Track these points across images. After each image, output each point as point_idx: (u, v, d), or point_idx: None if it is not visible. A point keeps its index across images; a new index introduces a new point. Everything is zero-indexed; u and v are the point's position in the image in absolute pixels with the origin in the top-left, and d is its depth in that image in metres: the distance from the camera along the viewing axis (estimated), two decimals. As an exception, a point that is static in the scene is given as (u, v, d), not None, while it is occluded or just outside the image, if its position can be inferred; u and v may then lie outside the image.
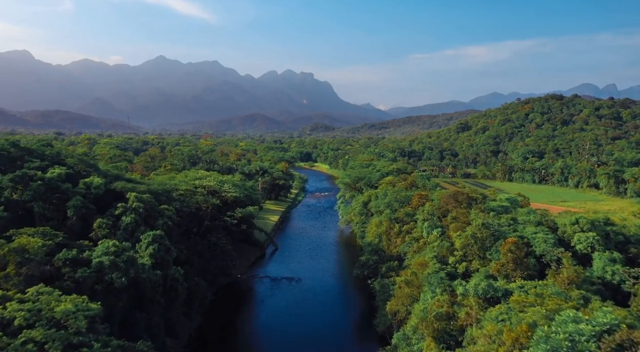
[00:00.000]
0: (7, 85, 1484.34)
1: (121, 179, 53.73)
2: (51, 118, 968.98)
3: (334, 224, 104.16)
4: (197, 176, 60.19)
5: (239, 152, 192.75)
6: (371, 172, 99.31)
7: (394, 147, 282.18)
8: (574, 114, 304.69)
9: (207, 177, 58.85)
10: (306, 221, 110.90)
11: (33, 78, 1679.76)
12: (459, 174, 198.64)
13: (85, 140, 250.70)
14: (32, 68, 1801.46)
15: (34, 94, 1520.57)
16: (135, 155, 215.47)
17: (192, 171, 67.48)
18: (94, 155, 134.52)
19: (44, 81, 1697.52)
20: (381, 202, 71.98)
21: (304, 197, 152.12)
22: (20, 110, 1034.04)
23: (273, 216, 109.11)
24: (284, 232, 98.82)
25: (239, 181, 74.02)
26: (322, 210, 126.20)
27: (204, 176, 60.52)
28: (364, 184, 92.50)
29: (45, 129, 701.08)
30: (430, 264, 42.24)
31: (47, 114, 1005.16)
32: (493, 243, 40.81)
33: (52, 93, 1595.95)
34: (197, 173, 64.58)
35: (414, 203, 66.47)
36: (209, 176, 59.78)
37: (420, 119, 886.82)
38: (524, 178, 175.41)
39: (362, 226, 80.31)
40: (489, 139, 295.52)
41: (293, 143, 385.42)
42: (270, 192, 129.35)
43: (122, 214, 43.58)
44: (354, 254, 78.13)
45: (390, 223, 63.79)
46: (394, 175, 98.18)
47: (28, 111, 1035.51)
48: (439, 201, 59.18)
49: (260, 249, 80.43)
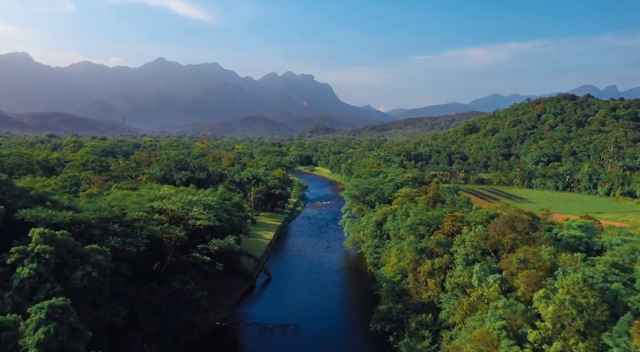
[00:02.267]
0: (6, 88, 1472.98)
1: (45, 201, 38.08)
2: (48, 120, 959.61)
3: (338, 244, 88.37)
4: (159, 194, 44.41)
5: (232, 156, 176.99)
6: (383, 182, 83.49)
7: (399, 150, 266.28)
8: (589, 114, 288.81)
9: (172, 196, 43.04)
10: (306, 237, 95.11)
11: (32, 80, 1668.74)
12: (473, 179, 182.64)
13: (71, 143, 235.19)
14: (31, 70, 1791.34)
15: (33, 96, 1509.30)
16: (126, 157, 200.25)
17: (154, 187, 50.20)
18: (65, 161, 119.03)
19: (43, 83, 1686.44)
20: (401, 225, 56.26)
21: (304, 207, 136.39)
22: (18, 113, 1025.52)
23: (267, 232, 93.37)
24: (279, 253, 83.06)
25: (218, 198, 57.47)
26: (324, 223, 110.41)
27: (167, 194, 44.71)
28: (376, 196, 76.74)
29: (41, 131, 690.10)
30: (502, 345, 26.52)
31: (44, 116, 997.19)
32: (608, 316, 25.16)
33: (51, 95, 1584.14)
34: (160, 190, 48.02)
35: (447, 228, 50.76)
36: (174, 195, 43.82)
37: (422, 120, 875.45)
38: (546, 184, 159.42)
39: (376, 251, 64.54)
40: (499, 141, 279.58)
41: (292, 146, 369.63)
42: (265, 202, 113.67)
43: (17, 263, 27.94)
44: (364, 287, 62.38)
45: (416, 255, 48.05)
46: (409, 185, 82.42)
47: (26, 113, 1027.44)
48: (486, 228, 43.41)
49: (249, 280, 64.62)
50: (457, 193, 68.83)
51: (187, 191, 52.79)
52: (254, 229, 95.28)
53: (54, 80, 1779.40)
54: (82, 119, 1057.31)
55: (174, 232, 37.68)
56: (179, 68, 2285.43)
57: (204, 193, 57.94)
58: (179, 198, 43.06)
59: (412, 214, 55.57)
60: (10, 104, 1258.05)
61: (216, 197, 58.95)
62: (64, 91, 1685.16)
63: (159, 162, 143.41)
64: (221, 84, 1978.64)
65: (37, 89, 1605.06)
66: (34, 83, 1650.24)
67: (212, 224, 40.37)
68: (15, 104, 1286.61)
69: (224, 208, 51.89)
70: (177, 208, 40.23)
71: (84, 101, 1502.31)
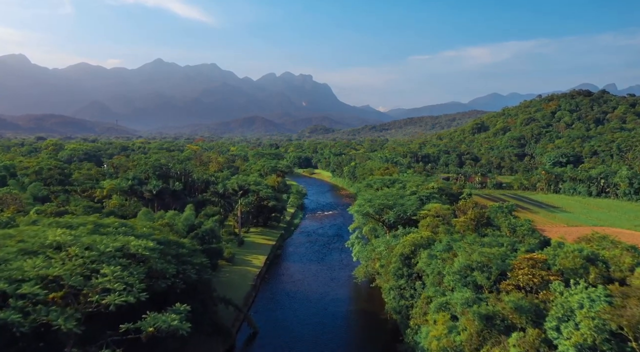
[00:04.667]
0: (2, 90, 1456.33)
1: None
2: (44, 122, 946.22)
3: (345, 272, 70.22)
4: (52, 239, 24.64)
5: (222, 160, 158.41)
6: (403, 196, 65.28)
7: (404, 151, 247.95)
8: (607, 111, 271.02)
9: (73, 243, 23.79)
10: (305, 263, 76.94)
11: (29, 82, 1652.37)
12: (491, 184, 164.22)
13: (51, 146, 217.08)
14: (29, 72, 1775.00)
15: (30, 98, 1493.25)
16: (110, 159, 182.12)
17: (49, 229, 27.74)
18: (23, 167, 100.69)
19: (40, 85, 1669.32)
20: (446, 268, 38.11)
21: (303, 218, 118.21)
22: (15, 115, 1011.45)
23: (257, 256, 75.19)
24: (270, 288, 64.88)
25: (156, 242, 33.45)
26: (326, 241, 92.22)
27: (61, 240, 24.52)
28: (395, 215, 58.54)
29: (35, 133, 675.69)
30: None
31: (40, 118, 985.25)
32: None
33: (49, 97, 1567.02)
34: (55, 234, 25.75)
35: (521, 278, 32.65)
36: (73, 241, 24.36)
37: (422, 120, 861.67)
38: (576, 189, 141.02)
39: (402, 295, 46.35)
40: (511, 140, 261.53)
41: (291, 147, 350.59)
42: (256, 216, 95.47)
43: None
44: (385, 344, 44.36)
45: (480, 325, 29.91)
46: (437, 199, 64.26)
47: (21, 115, 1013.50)
48: (611, 297, 25.30)
49: (226, 339, 46.40)
50: (511, 213, 50.90)
51: (111, 227, 32.93)
52: (241, 252, 77.23)
53: (51, 82, 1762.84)
54: (78, 121, 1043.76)
55: (55, 320, 19.60)
56: (177, 69, 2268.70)
57: (146, 224, 38.99)
58: (80, 250, 24.14)
59: (461, 253, 37.38)
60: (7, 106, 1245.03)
61: (166, 233, 39.77)
62: (62, 93, 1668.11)
63: (135, 168, 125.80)
64: (220, 85, 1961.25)
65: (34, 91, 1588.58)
66: (31, 85, 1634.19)
67: (131, 299, 21.86)
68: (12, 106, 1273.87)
69: (175, 254, 33.10)
70: (68, 273, 21.58)
71: (82, 103, 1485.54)
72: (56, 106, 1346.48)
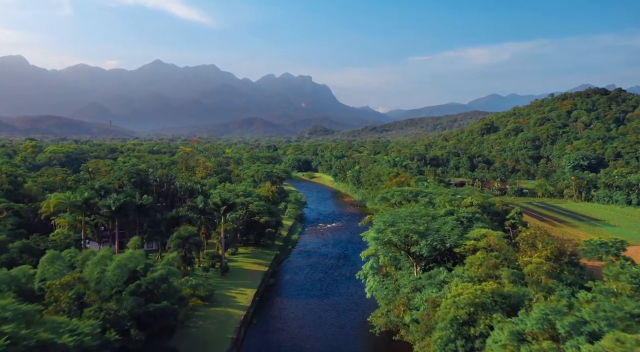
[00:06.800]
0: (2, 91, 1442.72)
1: None
2: (41, 124, 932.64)
3: (356, 316, 53.80)
4: None
5: (211, 165, 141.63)
6: (435, 217, 48.71)
7: (411, 154, 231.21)
8: (627, 110, 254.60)
9: None
10: (304, 298, 60.48)
11: (28, 83, 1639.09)
12: (512, 190, 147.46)
13: (29, 148, 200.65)
14: (27, 73, 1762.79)
15: (28, 99, 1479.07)
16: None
17: None
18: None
19: (38, 86, 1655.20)
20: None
21: (302, 232, 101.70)
22: (12, 116, 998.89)
23: (242, 291, 58.71)
24: (258, 337, 48.39)
25: None
26: (330, 265, 75.72)
27: None
28: (429, 247, 42.13)
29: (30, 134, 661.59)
30: None
31: (36, 119, 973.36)
32: None
33: (47, 98, 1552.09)
34: None
35: None
36: None
37: (423, 120, 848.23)
38: (612, 197, 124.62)
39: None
40: (525, 141, 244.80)
41: (289, 148, 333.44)
42: (246, 233, 79.07)
43: None
44: None
45: None
46: (481, 221, 47.79)
47: (18, 117, 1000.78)
48: None
49: None
50: (609, 253, 35.08)
51: None
52: (224, 284, 60.82)
53: (49, 83, 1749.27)
54: (76, 122, 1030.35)
55: None
56: (176, 70, 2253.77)
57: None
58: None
59: (560, 323, 20.93)
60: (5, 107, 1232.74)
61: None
62: (60, 94, 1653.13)
63: (110, 174, 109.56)
64: (219, 86, 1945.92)
65: (33, 92, 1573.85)
66: (29, 86, 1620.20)
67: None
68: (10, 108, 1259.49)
69: None
70: None
71: (80, 104, 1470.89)
72: (55, 107, 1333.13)
